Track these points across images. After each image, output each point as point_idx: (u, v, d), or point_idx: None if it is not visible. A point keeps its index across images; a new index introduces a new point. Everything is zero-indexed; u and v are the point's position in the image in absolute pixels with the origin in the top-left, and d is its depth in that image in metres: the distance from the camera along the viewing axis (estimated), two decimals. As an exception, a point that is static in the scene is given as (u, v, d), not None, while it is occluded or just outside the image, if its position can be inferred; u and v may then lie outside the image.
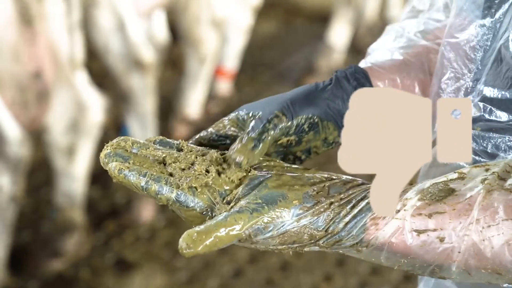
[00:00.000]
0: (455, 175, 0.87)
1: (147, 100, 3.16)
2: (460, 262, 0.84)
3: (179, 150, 0.97)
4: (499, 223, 0.82)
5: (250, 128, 0.96)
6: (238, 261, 2.96)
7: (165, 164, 0.94)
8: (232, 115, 1.01)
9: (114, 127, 3.60)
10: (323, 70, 4.45)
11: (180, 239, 0.85)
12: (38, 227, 2.96)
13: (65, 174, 2.81)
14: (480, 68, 0.99)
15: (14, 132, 2.43)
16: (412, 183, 0.85)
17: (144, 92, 3.13)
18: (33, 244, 2.90)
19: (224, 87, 4.12)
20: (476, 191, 0.84)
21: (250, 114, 0.99)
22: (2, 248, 2.60)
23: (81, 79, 2.71)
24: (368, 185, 0.87)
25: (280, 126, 0.96)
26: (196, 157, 0.95)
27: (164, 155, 0.95)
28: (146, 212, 3.16)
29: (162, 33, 3.51)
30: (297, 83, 4.21)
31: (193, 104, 3.75)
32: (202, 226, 0.86)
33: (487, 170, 0.87)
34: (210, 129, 1.02)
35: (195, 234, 0.85)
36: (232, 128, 1.01)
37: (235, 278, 2.91)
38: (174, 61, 4.10)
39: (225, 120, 1.02)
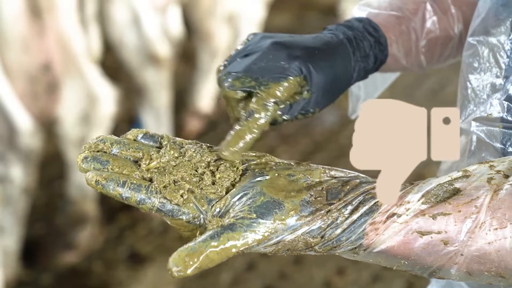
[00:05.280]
0: (459, 174, 0.84)
1: (162, 94, 3.17)
2: (461, 265, 0.82)
3: (161, 147, 0.88)
4: (507, 226, 0.79)
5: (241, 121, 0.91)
6: (250, 254, 2.95)
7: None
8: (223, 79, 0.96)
9: (127, 120, 3.60)
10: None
11: (170, 260, 0.79)
12: (51, 220, 2.97)
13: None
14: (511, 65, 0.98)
15: (26, 123, 2.44)
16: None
17: (159, 86, 3.14)
18: (46, 237, 2.91)
19: (238, 81, 4.11)
20: (483, 192, 0.81)
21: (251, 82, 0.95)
22: (15, 240, 2.61)
23: (93, 71, 2.72)
24: (368, 186, 0.84)
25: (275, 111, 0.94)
26: (181, 156, 0.86)
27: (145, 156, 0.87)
28: (159, 206, 3.16)
29: (177, 28, 3.50)
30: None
31: (205, 98, 3.75)
32: (193, 245, 0.80)
33: (491, 167, 0.84)
34: None
35: (186, 257, 0.79)
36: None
37: (248, 272, 2.91)
38: (188, 55, 4.10)
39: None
